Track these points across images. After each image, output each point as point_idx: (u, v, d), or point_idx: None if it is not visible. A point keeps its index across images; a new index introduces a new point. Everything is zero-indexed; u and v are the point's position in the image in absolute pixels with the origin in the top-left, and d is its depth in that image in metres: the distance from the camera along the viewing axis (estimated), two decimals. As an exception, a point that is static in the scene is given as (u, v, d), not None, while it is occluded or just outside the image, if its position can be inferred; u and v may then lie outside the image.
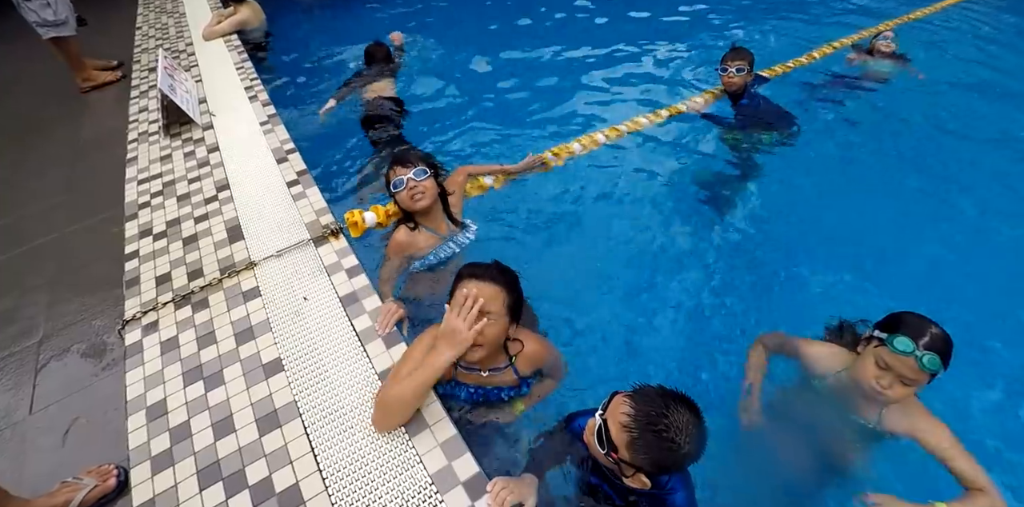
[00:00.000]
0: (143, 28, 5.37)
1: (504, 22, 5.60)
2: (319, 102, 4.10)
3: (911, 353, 1.42)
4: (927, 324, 1.47)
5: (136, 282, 2.29)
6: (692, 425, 1.16)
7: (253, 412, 1.67)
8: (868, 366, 1.53)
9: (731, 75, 3.31)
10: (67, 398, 1.96)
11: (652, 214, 3.02)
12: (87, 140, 3.69)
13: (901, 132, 3.51)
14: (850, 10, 5.42)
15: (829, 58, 4.34)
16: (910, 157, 3.30)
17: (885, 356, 1.48)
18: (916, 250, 2.65)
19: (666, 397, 1.20)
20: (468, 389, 1.74)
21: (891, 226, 2.81)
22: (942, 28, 4.89)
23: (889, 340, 1.47)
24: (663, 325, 2.44)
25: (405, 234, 2.26)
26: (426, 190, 2.18)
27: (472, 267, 1.57)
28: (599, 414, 1.27)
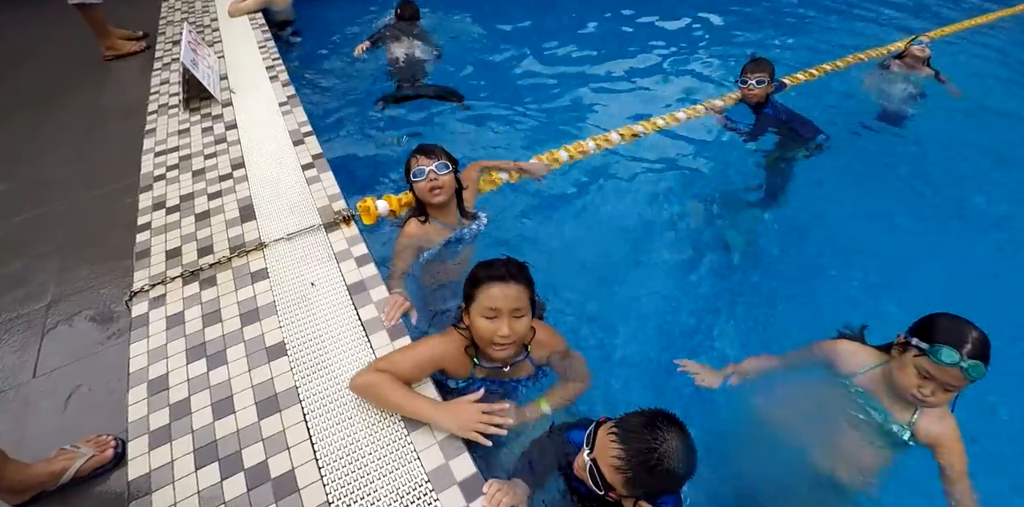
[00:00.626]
0: (169, 1, 5.36)
1: (528, 17, 5.55)
2: (342, 86, 4.10)
3: (956, 364, 1.40)
4: (966, 328, 1.45)
5: (146, 254, 2.30)
6: (682, 447, 1.16)
7: (253, 394, 1.68)
8: (909, 375, 1.51)
9: (751, 87, 3.26)
10: (71, 364, 1.98)
11: (664, 215, 3.01)
12: (107, 108, 3.68)
13: (927, 150, 3.46)
14: (874, 20, 5.34)
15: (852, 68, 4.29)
16: (936, 177, 3.25)
17: (928, 366, 1.46)
18: (935, 265, 2.63)
19: (651, 426, 1.18)
20: (486, 383, 1.74)
21: (911, 241, 2.79)
22: (973, 46, 4.80)
23: (933, 351, 1.44)
24: (669, 325, 2.43)
25: (416, 227, 2.25)
26: (445, 185, 2.18)
27: (488, 269, 1.54)
28: (587, 453, 1.25)
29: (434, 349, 1.64)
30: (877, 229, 2.91)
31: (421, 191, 2.20)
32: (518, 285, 1.52)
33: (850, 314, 2.05)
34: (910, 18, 5.31)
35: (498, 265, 1.55)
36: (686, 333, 2.40)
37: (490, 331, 1.51)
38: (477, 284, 1.53)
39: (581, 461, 1.28)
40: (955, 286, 2.43)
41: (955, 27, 5.03)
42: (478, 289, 1.52)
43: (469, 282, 1.57)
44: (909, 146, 3.50)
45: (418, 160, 2.19)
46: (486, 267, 1.56)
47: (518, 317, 1.52)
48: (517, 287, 1.51)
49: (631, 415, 1.24)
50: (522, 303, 1.52)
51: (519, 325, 1.53)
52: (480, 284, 1.52)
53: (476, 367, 1.69)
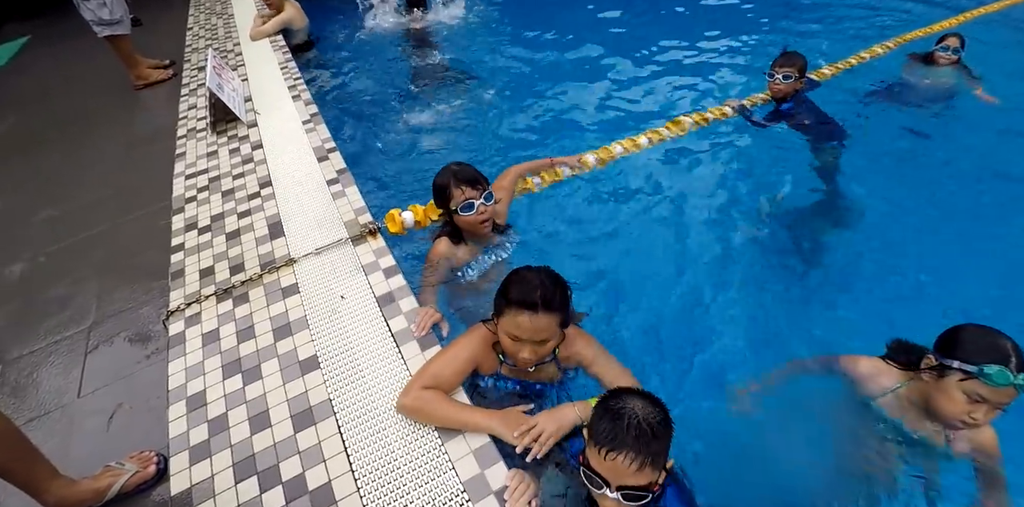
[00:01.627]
0: (194, 28, 5.56)
1: (556, 20, 5.58)
2: (361, 102, 4.18)
3: (1011, 384, 1.31)
4: (1000, 340, 1.37)
5: (181, 274, 2.36)
6: (640, 402, 1.17)
7: (289, 408, 1.70)
8: (957, 401, 1.41)
9: (777, 82, 3.18)
10: (113, 384, 2.03)
11: (696, 218, 2.96)
12: (139, 135, 3.83)
13: (957, 158, 3.30)
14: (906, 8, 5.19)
15: (882, 59, 4.17)
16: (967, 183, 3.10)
17: (979, 390, 1.36)
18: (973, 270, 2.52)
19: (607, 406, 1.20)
20: (511, 383, 1.74)
21: (941, 246, 2.68)
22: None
23: (984, 374, 1.34)
24: (699, 330, 2.38)
25: (447, 246, 2.16)
26: (492, 214, 2.10)
27: (522, 289, 1.45)
28: (615, 492, 1.17)
29: (469, 351, 1.63)
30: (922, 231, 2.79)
31: (468, 223, 2.09)
32: (548, 315, 1.44)
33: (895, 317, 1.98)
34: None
35: (532, 286, 1.45)
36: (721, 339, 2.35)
37: (513, 350, 1.51)
38: (508, 304, 1.46)
39: (609, 502, 1.20)
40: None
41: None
42: (507, 310, 1.46)
43: (502, 295, 1.50)
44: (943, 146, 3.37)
45: (464, 191, 2.02)
46: (521, 284, 1.48)
47: (543, 343, 1.49)
48: (547, 317, 1.44)
49: (597, 428, 1.20)
50: (549, 333, 1.47)
51: (543, 349, 1.50)
52: (510, 306, 1.45)
53: (502, 365, 1.69)
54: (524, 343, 1.48)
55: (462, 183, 2.03)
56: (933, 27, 4.59)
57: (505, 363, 1.68)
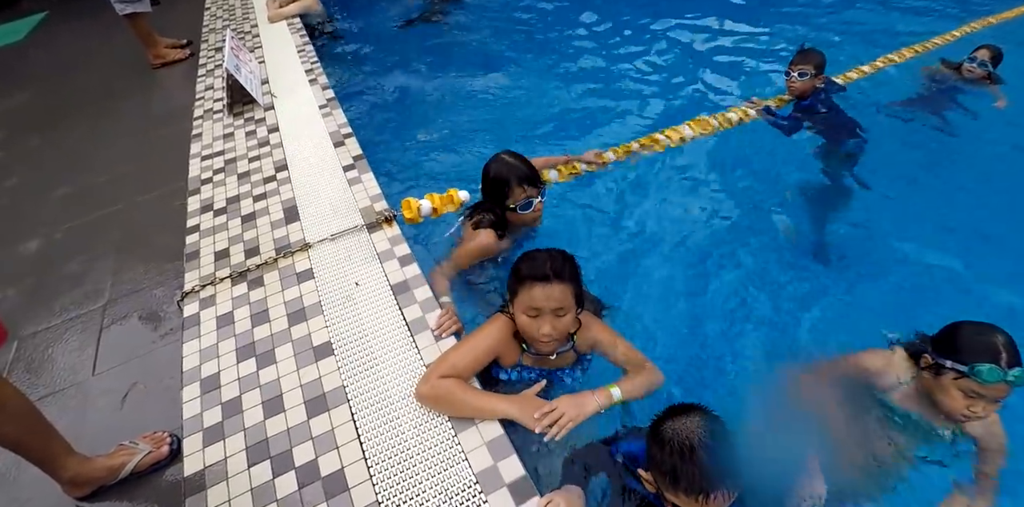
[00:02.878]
0: (211, 9, 5.52)
1: (571, 18, 5.50)
2: (379, 88, 4.15)
3: (1001, 379, 1.39)
4: (991, 336, 1.44)
5: (196, 256, 2.36)
6: (706, 426, 1.14)
7: (302, 393, 1.70)
8: (955, 398, 1.49)
9: (793, 80, 3.15)
10: (127, 363, 2.04)
11: (712, 214, 2.94)
12: (156, 115, 3.82)
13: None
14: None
15: (915, 61, 4.08)
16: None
17: (973, 387, 1.44)
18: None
19: (668, 419, 1.19)
20: (533, 372, 1.73)
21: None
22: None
23: (974, 372, 1.42)
24: (713, 327, 2.36)
25: (493, 239, 2.13)
26: (542, 208, 2.14)
27: (531, 265, 1.50)
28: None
29: (489, 340, 1.62)
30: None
31: (525, 221, 2.14)
32: (561, 284, 1.47)
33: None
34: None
35: (541, 260, 1.50)
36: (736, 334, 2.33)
37: (533, 328, 1.50)
38: (520, 281, 1.50)
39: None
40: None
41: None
42: (520, 286, 1.50)
43: (513, 276, 1.54)
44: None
45: (525, 190, 2.05)
46: (529, 261, 1.52)
47: (561, 316, 1.50)
48: (560, 286, 1.47)
49: (666, 464, 1.16)
50: (565, 302, 1.49)
51: (561, 323, 1.51)
52: (523, 282, 1.49)
53: (524, 354, 1.68)
54: (543, 317, 1.48)
55: (524, 182, 2.05)
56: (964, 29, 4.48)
57: (527, 352, 1.67)
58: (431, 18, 5.37)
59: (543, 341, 1.53)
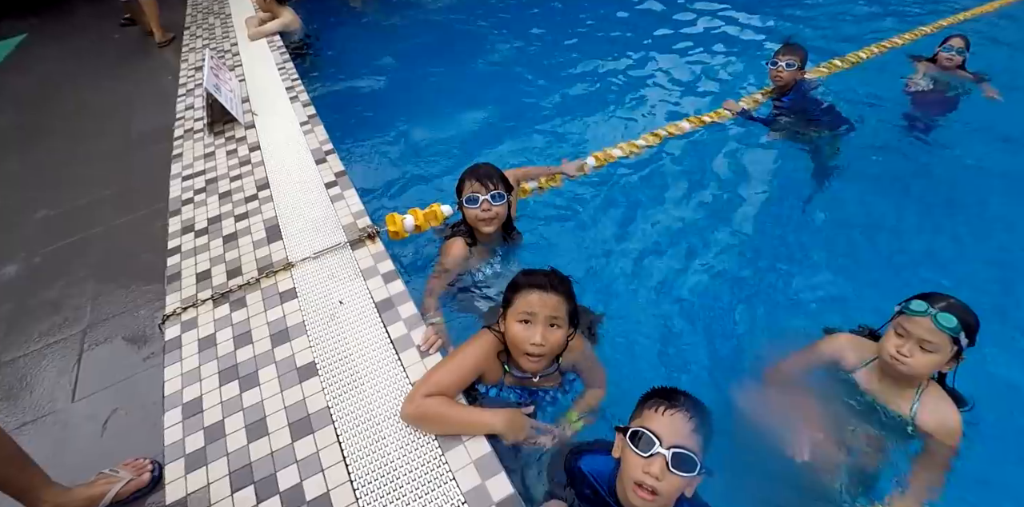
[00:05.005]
0: (191, 28, 5.52)
1: (547, 28, 5.58)
2: (360, 104, 4.16)
3: (925, 312, 1.49)
4: (948, 296, 1.54)
5: (177, 278, 2.34)
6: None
7: (286, 416, 1.68)
8: (889, 338, 1.59)
9: (780, 69, 3.25)
10: (108, 388, 2.01)
11: (690, 217, 3.01)
12: (136, 136, 3.80)
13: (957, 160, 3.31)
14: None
15: (881, 58, 4.19)
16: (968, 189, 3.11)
17: (903, 322, 1.54)
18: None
19: (670, 389, 1.31)
20: (515, 391, 1.74)
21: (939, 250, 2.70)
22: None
23: (906, 305, 1.55)
24: (691, 330, 2.41)
25: (461, 248, 2.18)
26: (497, 215, 2.11)
27: (531, 277, 1.55)
28: (661, 447, 1.18)
29: (473, 357, 1.63)
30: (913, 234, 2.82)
31: (471, 218, 2.14)
32: (558, 295, 1.52)
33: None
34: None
35: (541, 274, 1.57)
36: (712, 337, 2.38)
37: (524, 337, 1.51)
38: (517, 289, 1.55)
39: (657, 465, 1.17)
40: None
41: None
42: (517, 294, 1.54)
43: (510, 287, 1.58)
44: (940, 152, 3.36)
45: (472, 185, 2.09)
46: (529, 274, 1.58)
47: (554, 327, 1.52)
48: (557, 297, 1.52)
49: (653, 397, 1.30)
50: (559, 313, 1.52)
51: (553, 336, 1.52)
52: (520, 289, 1.54)
53: (506, 375, 1.68)
54: (535, 325, 1.50)
55: (473, 177, 2.11)
56: (939, 23, 4.62)
57: (510, 373, 1.67)
58: None
59: (532, 353, 1.52)
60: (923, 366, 1.53)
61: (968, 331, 1.48)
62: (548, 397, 1.79)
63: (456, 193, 2.18)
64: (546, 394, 1.78)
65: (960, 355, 1.54)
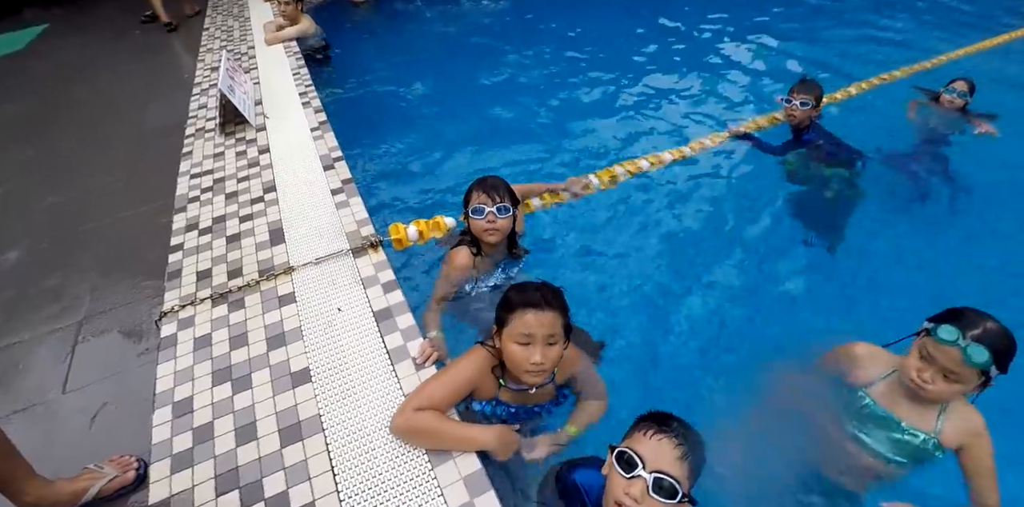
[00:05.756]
0: (210, 30, 5.61)
1: (557, 42, 5.70)
2: (372, 113, 4.22)
3: (954, 342, 1.34)
4: (984, 318, 1.37)
5: (178, 275, 2.35)
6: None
7: (277, 421, 1.68)
8: (911, 358, 1.46)
9: (794, 108, 3.24)
10: (100, 382, 2.01)
11: (693, 239, 3.04)
12: (148, 130, 3.83)
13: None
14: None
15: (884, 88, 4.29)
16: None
17: (928, 346, 1.40)
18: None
19: (664, 415, 1.28)
20: (509, 409, 1.73)
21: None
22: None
23: (933, 329, 1.39)
24: (691, 351, 2.43)
25: (467, 257, 2.17)
26: (501, 228, 2.12)
27: (522, 293, 1.53)
28: (644, 470, 1.18)
29: (467, 372, 1.63)
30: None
31: (476, 229, 2.14)
32: (552, 312, 1.50)
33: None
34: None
35: (532, 290, 1.54)
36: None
37: (523, 358, 1.50)
38: (511, 309, 1.51)
39: (638, 487, 1.17)
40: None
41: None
42: (512, 314, 1.51)
43: (503, 305, 1.56)
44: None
45: (479, 197, 2.10)
46: (520, 291, 1.55)
47: (552, 344, 1.51)
48: (551, 314, 1.50)
49: (645, 421, 1.28)
50: (556, 330, 1.51)
51: (552, 352, 1.52)
52: (514, 309, 1.50)
53: (502, 389, 1.69)
54: (534, 345, 1.49)
55: (481, 189, 2.12)
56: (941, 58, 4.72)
57: (506, 387, 1.68)
58: None
59: (532, 372, 1.52)
60: (944, 394, 1.42)
61: (1001, 360, 1.33)
62: (539, 412, 1.79)
63: (463, 203, 2.20)
64: (541, 409, 1.79)
65: (988, 383, 1.40)
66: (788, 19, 5.90)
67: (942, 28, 5.40)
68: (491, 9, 6.68)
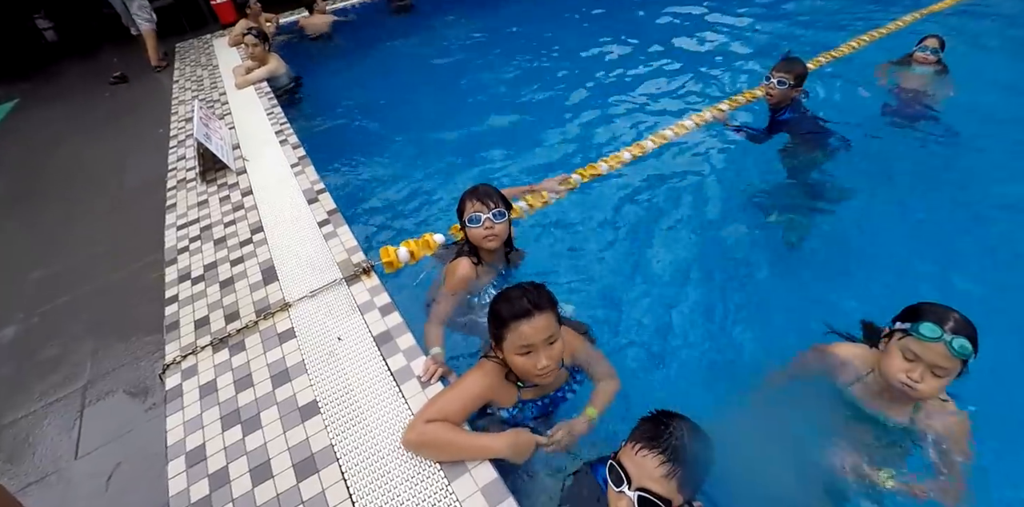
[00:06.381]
0: (180, 81, 5.69)
1: (522, 52, 5.78)
2: (347, 141, 4.26)
3: (939, 338, 1.38)
4: (949, 310, 1.44)
5: (176, 326, 2.35)
6: (693, 426, 1.19)
7: (290, 457, 1.66)
8: (895, 360, 1.47)
9: (772, 87, 3.06)
10: (111, 443, 1.99)
11: (683, 229, 3.03)
12: (129, 189, 3.87)
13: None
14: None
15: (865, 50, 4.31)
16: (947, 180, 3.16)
17: (912, 346, 1.43)
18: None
19: (663, 424, 1.20)
20: (535, 404, 1.72)
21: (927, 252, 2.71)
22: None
23: (914, 328, 1.42)
24: (686, 338, 2.41)
25: (469, 268, 2.14)
26: (500, 233, 2.10)
27: (509, 305, 1.48)
28: (628, 488, 1.16)
29: (477, 386, 1.61)
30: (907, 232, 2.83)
31: (474, 237, 2.11)
32: (543, 313, 1.47)
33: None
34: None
35: (516, 297, 1.49)
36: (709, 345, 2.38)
37: (529, 366, 1.49)
38: (504, 324, 1.48)
39: (624, 503, 1.17)
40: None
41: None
42: (506, 330, 1.48)
43: (494, 322, 1.52)
44: (932, 145, 3.40)
45: (473, 205, 2.08)
46: (506, 302, 1.50)
47: (552, 343, 1.50)
48: (543, 315, 1.47)
49: (639, 429, 1.23)
50: (552, 329, 1.49)
51: (555, 350, 1.51)
52: (507, 324, 1.47)
53: (522, 390, 1.67)
54: (537, 351, 1.48)
55: (474, 197, 2.10)
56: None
57: (524, 388, 1.67)
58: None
59: (542, 374, 1.51)
60: (934, 390, 1.46)
61: (975, 346, 1.41)
62: (567, 393, 1.80)
63: (457, 215, 2.17)
64: (561, 394, 1.78)
65: (965, 370, 1.46)
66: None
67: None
68: (450, 31, 6.78)
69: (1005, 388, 1.83)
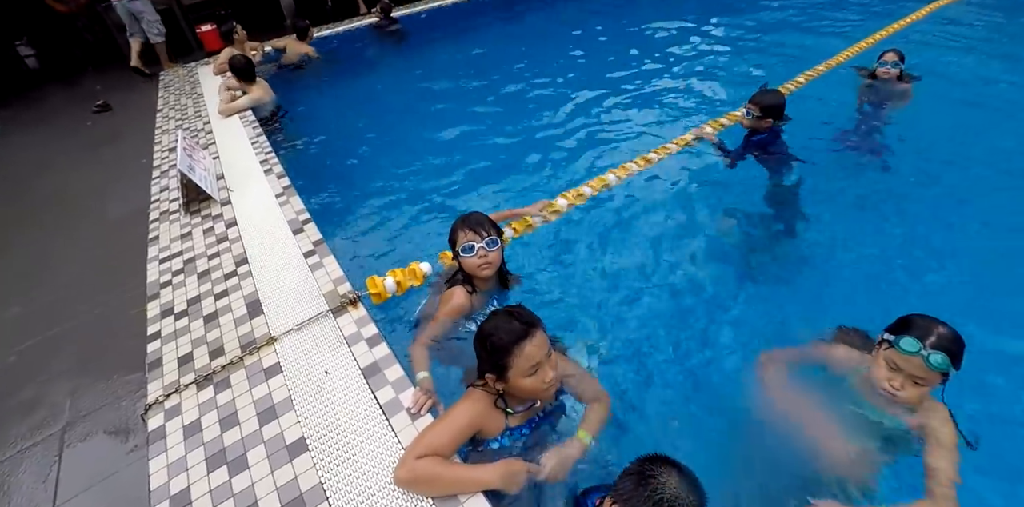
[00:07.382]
0: (164, 110, 5.68)
1: (505, 77, 5.89)
2: (334, 167, 4.28)
3: (917, 353, 1.49)
4: (935, 324, 1.53)
5: (158, 364, 2.30)
6: (683, 482, 1.13)
7: (279, 498, 1.62)
8: (880, 368, 1.60)
9: (743, 116, 3.27)
10: (92, 488, 1.92)
11: (670, 250, 3.08)
12: (111, 221, 3.81)
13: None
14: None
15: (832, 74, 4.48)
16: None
17: (894, 358, 1.55)
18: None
19: (644, 481, 1.13)
20: (523, 429, 1.72)
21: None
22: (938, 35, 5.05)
23: (896, 341, 1.54)
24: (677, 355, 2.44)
25: (465, 297, 2.15)
26: (494, 261, 2.12)
27: (505, 332, 1.50)
28: None
29: (466, 416, 1.61)
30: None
31: (469, 266, 2.13)
32: (537, 329, 1.54)
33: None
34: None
35: (507, 323, 1.52)
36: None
37: (537, 383, 1.54)
38: (508, 352, 1.50)
39: None
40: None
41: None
42: (511, 356, 1.50)
43: (497, 352, 1.52)
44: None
45: (466, 234, 2.09)
46: (502, 331, 1.51)
47: (549, 355, 1.56)
48: (538, 331, 1.54)
49: (621, 479, 1.19)
50: (547, 341, 1.56)
51: (553, 361, 1.57)
52: (511, 350, 1.50)
53: (510, 417, 1.67)
54: (542, 366, 1.53)
55: (466, 226, 2.11)
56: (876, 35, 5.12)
57: (513, 413, 1.67)
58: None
59: (548, 388, 1.57)
60: (915, 397, 1.56)
61: (957, 360, 1.49)
62: (556, 410, 1.82)
63: (450, 244, 2.18)
64: (547, 416, 1.79)
65: (948, 378, 1.55)
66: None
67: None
68: (436, 56, 6.91)
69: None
